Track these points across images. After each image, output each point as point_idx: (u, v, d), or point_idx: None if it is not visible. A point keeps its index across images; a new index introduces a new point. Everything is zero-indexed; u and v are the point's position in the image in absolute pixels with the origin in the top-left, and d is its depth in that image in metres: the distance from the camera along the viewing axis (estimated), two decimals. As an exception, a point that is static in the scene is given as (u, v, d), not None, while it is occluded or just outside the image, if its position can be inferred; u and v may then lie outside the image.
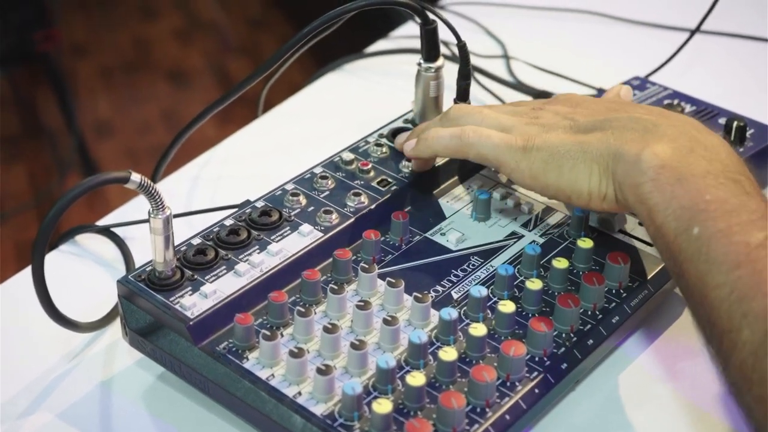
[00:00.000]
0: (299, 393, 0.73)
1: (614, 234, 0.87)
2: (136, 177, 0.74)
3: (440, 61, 0.93)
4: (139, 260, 0.92)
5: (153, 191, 0.75)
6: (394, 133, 0.95)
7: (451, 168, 0.92)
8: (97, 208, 2.31)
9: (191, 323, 0.76)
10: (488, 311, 0.79)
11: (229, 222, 0.85)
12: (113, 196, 2.50)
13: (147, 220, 0.88)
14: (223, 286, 0.79)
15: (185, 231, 0.85)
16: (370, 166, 0.91)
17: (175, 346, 0.77)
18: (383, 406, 0.70)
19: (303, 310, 0.76)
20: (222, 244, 0.82)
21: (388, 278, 0.79)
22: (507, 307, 0.77)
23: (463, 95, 0.93)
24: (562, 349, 0.77)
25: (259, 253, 0.82)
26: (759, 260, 0.67)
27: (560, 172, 0.79)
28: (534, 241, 0.86)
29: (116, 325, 0.86)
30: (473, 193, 0.89)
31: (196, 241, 0.83)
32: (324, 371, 0.72)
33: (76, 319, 0.82)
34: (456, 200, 0.91)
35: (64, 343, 0.84)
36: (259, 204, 0.87)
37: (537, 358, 0.76)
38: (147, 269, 0.80)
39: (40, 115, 2.98)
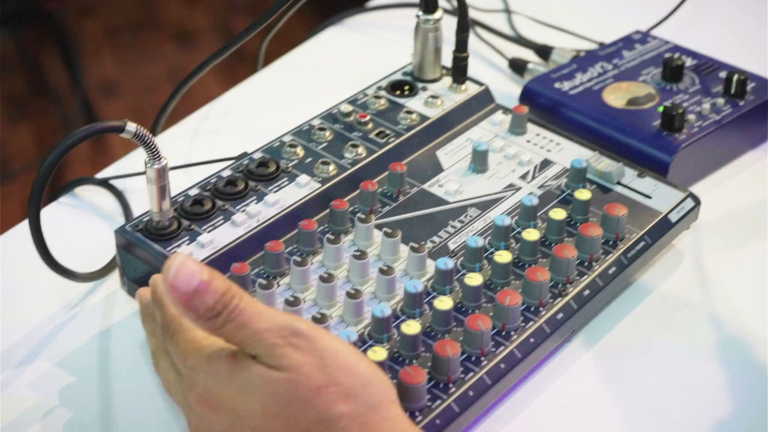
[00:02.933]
0: (295, 341, 0.73)
1: (612, 186, 0.87)
2: (131, 126, 0.74)
3: (439, 13, 0.93)
4: (138, 212, 0.92)
5: (149, 141, 0.75)
6: (393, 85, 0.95)
7: (450, 120, 0.92)
8: (101, 162, 2.31)
9: (188, 272, 0.76)
10: (485, 261, 0.79)
11: (226, 173, 0.85)
12: (115, 150, 2.51)
13: (144, 172, 0.89)
14: (220, 236, 0.79)
15: (185, 183, 0.85)
16: (368, 118, 0.90)
17: (172, 295, 0.77)
18: (378, 353, 0.70)
19: (299, 259, 0.77)
20: (219, 195, 0.82)
21: (384, 228, 0.79)
22: (503, 257, 0.77)
23: (461, 47, 0.93)
24: (558, 299, 0.77)
25: (256, 203, 0.82)
26: None
27: None
28: (531, 193, 0.86)
29: (115, 276, 0.86)
30: (471, 144, 0.89)
31: (194, 191, 0.83)
32: (320, 320, 0.72)
33: (76, 269, 0.82)
34: (454, 152, 0.90)
35: (63, 293, 0.85)
36: (257, 155, 0.87)
37: (533, 308, 0.76)
38: (144, 219, 0.80)
39: (46, 74, 2.98)
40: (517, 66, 1.09)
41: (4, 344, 0.81)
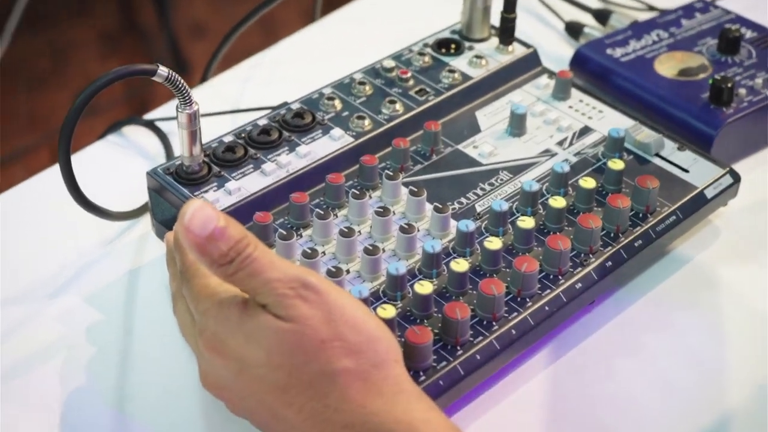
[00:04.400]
0: (310, 293, 0.74)
1: (650, 158, 0.85)
2: (163, 70, 0.74)
3: (487, -28, 0.92)
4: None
5: (180, 85, 0.75)
6: (440, 43, 0.94)
7: (493, 81, 0.91)
8: (149, 105, 2.34)
9: (212, 218, 0.77)
10: (509, 226, 0.79)
11: (262, 122, 0.85)
12: (165, 93, 2.53)
13: (213, 113, 0.90)
14: (247, 184, 0.80)
15: (230, 129, 0.86)
16: (409, 74, 0.90)
17: (197, 240, 0.79)
18: (387, 311, 0.70)
19: (322, 212, 0.77)
20: (252, 143, 0.83)
21: (410, 187, 0.79)
22: (526, 223, 0.77)
23: (509, 7, 0.92)
24: (579, 269, 0.76)
25: (287, 154, 0.83)
26: None
27: None
28: (566, 160, 0.85)
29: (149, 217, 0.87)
30: (510, 107, 0.88)
31: (228, 138, 0.84)
32: (334, 273, 0.73)
33: (117, 207, 0.84)
34: (494, 114, 0.90)
35: (100, 231, 0.86)
36: (295, 106, 0.87)
37: (551, 276, 0.75)
38: (177, 163, 0.81)
39: (137, 12, 3.02)
40: (573, 29, 1.07)
41: (36, 276, 0.83)
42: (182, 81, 0.75)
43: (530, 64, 0.94)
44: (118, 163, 0.95)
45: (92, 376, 0.76)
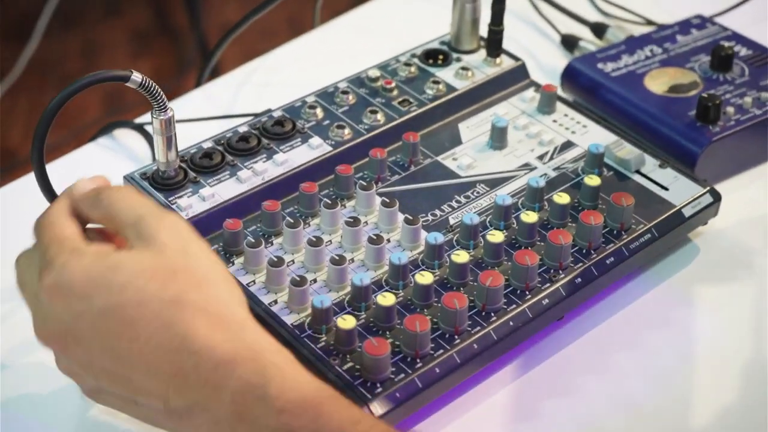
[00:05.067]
0: (275, 301, 0.74)
1: (630, 174, 0.85)
2: (137, 76, 0.75)
3: (477, -17, 0.92)
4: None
5: (155, 91, 0.76)
6: (428, 54, 0.94)
7: (478, 94, 0.91)
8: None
9: (184, 224, 0.77)
10: (481, 239, 0.79)
11: (242, 129, 0.86)
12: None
13: (183, 120, 0.90)
14: (222, 191, 0.80)
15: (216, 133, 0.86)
16: (393, 84, 0.90)
17: (169, 245, 0.79)
18: (347, 322, 0.70)
19: (292, 221, 0.77)
20: (230, 150, 0.84)
21: (383, 198, 0.79)
22: (495, 237, 0.77)
23: (496, 20, 0.92)
24: (548, 284, 0.76)
25: (264, 161, 0.83)
26: None
27: None
28: (544, 174, 0.84)
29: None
30: (492, 119, 0.88)
31: (207, 144, 0.84)
32: (299, 282, 0.73)
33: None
34: (477, 126, 0.90)
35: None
36: (277, 114, 0.88)
37: (518, 291, 0.75)
38: (153, 168, 0.81)
39: (169, 13, 3.04)
40: (569, 42, 1.07)
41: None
42: (156, 87, 0.76)
43: (518, 76, 0.94)
44: (108, 166, 0.96)
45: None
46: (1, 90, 2.74)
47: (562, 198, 0.80)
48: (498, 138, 0.87)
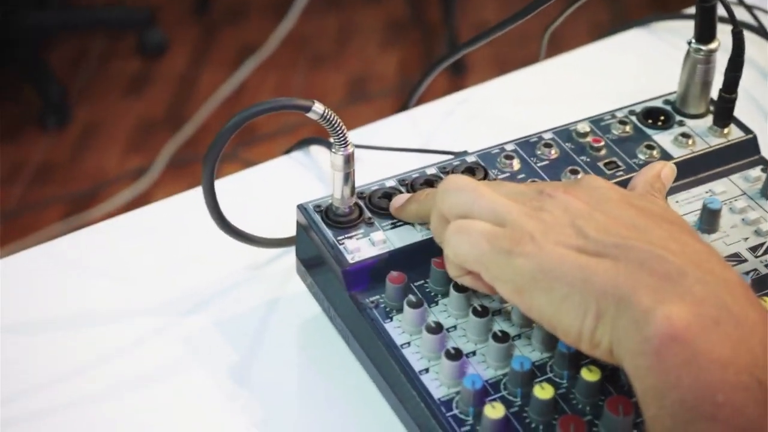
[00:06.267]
0: (426, 370, 0.68)
1: None
2: (319, 107, 0.71)
3: (714, 44, 0.83)
4: (359, 182, 0.89)
5: (336, 125, 0.72)
6: (648, 112, 0.86)
7: (697, 165, 0.82)
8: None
9: (347, 268, 0.73)
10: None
11: (430, 171, 0.80)
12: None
13: (384, 148, 0.86)
14: (394, 238, 0.75)
15: (416, 165, 0.81)
16: (602, 143, 0.82)
17: (330, 286, 0.75)
18: (496, 410, 0.64)
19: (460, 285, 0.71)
20: (413, 192, 0.78)
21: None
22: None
23: (730, 87, 0.82)
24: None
25: (446, 211, 0.77)
26: None
27: (550, 298, 0.60)
28: (755, 270, 0.75)
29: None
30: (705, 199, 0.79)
31: (390, 183, 0.79)
32: (454, 356, 0.67)
33: (285, 228, 0.82)
34: (688, 203, 0.81)
35: (250, 254, 0.84)
36: (471, 159, 0.82)
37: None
38: (329, 201, 0.77)
39: (425, 6, 3.02)
40: (817, 115, 0.95)
41: (174, 292, 0.82)
42: (338, 120, 0.72)
43: (746, 151, 0.84)
44: (295, 183, 0.93)
45: (202, 402, 0.74)
46: (252, 64, 2.80)
47: (766, 305, 0.70)
48: (708, 221, 0.78)
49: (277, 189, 0.92)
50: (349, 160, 0.73)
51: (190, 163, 2.50)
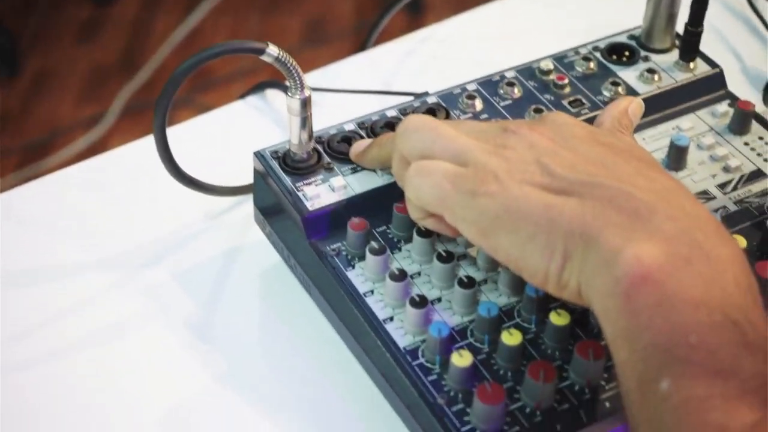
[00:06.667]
0: (391, 318, 0.67)
1: None
2: (273, 50, 0.68)
3: (679, -25, 0.80)
4: (318, 126, 0.86)
5: (292, 68, 0.69)
6: (612, 48, 0.84)
7: (663, 101, 0.80)
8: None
9: (307, 216, 0.70)
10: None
11: (392, 113, 0.78)
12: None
13: (342, 90, 0.83)
14: (355, 183, 0.73)
15: (376, 108, 0.79)
16: (566, 81, 0.80)
17: (289, 234, 0.73)
18: (464, 359, 0.62)
19: (423, 229, 0.69)
20: (374, 136, 0.76)
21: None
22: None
23: (695, 20, 0.80)
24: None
25: (408, 154, 0.75)
26: None
27: (515, 238, 0.58)
28: (723, 207, 0.73)
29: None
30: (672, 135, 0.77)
31: (349, 127, 0.77)
32: (418, 303, 0.65)
33: (243, 174, 0.79)
34: (655, 139, 0.79)
35: (207, 203, 0.82)
36: (432, 100, 0.79)
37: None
38: (287, 147, 0.74)
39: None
40: (782, 48, 0.94)
41: (131, 244, 0.79)
42: (293, 62, 0.69)
43: (712, 86, 0.82)
44: (251, 129, 0.90)
45: (163, 354, 0.72)
46: (206, 7, 2.74)
47: (737, 241, 0.69)
48: (675, 158, 0.76)
49: (233, 135, 0.89)
50: (306, 104, 0.71)
51: (145, 109, 2.46)
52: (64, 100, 2.51)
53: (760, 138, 0.79)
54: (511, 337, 0.63)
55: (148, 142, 0.85)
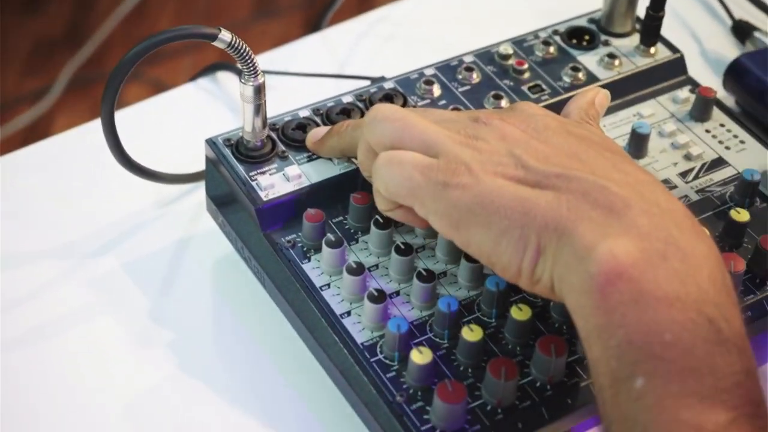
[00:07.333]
0: (348, 313, 0.65)
1: None
2: (225, 35, 0.66)
3: (639, -42, 0.79)
4: (272, 111, 0.84)
5: (245, 54, 0.66)
6: (572, 32, 0.82)
7: (623, 87, 0.79)
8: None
9: (261, 207, 0.68)
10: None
11: (347, 99, 0.76)
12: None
13: (296, 74, 0.81)
14: (311, 172, 0.71)
15: (331, 92, 0.77)
16: (526, 66, 0.79)
17: (243, 225, 0.71)
18: (423, 356, 0.61)
19: (382, 221, 0.67)
20: (330, 123, 0.74)
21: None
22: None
23: (657, 4, 0.78)
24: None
25: (365, 142, 0.73)
26: None
27: (488, 232, 0.56)
28: (685, 196, 0.72)
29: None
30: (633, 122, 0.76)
31: (304, 113, 0.74)
32: (376, 298, 0.63)
33: (195, 161, 0.76)
34: (615, 126, 0.77)
35: (155, 191, 0.79)
36: (389, 85, 0.77)
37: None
38: (240, 134, 0.72)
39: None
40: (742, 31, 0.92)
41: (78, 233, 0.77)
42: (247, 48, 0.66)
43: (673, 71, 0.81)
44: (206, 109, 0.87)
45: (112, 348, 0.70)
46: None
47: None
48: (637, 146, 0.75)
49: (183, 120, 0.86)
50: (259, 90, 0.68)
51: (92, 82, 2.41)
52: (7, 74, 2.46)
53: (722, 125, 0.78)
54: (471, 333, 0.62)
55: (96, 125, 0.82)
